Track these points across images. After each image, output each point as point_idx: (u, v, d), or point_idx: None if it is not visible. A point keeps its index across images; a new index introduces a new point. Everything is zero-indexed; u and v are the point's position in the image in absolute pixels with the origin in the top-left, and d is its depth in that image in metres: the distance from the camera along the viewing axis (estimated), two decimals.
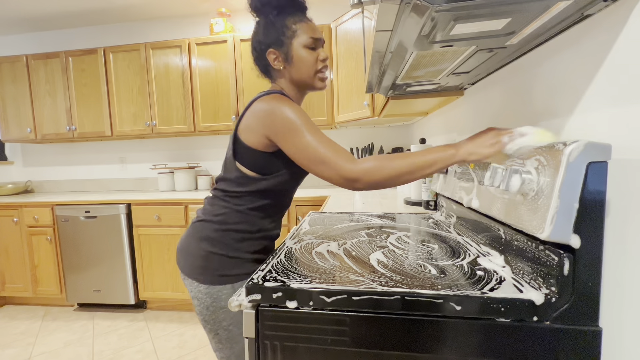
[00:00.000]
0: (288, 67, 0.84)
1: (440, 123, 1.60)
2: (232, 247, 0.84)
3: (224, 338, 0.86)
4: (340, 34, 2.13)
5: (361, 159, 0.69)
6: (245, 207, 0.84)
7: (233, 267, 0.84)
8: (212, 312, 0.84)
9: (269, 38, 0.83)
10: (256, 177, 0.82)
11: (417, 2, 0.45)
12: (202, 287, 0.83)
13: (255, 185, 0.83)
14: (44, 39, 2.96)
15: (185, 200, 2.21)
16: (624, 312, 0.47)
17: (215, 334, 0.86)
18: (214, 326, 0.85)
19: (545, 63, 0.67)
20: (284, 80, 0.87)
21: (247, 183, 0.83)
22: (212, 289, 0.83)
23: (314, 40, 0.83)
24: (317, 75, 0.85)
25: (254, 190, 0.83)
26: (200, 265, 0.83)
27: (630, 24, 0.46)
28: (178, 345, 1.94)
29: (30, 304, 2.59)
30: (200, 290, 0.84)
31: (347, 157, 0.70)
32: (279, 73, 0.86)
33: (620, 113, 0.48)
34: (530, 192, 0.53)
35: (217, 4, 2.55)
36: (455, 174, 0.93)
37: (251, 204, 0.84)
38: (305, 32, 0.82)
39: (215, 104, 2.42)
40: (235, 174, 0.83)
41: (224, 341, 0.86)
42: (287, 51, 0.82)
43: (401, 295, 0.52)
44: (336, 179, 0.70)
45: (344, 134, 2.68)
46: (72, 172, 3.06)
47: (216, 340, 0.87)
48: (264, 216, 0.87)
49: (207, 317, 0.85)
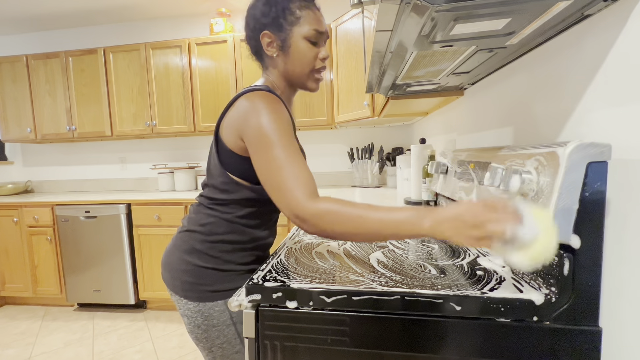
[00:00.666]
0: (282, 56, 0.74)
1: (440, 123, 1.60)
2: (222, 259, 0.76)
3: (218, 356, 0.79)
4: (340, 34, 2.13)
5: (322, 198, 0.58)
6: (234, 216, 0.76)
7: (225, 281, 0.76)
8: (204, 331, 0.77)
9: (266, 17, 0.72)
10: (243, 185, 0.74)
11: (417, 2, 0.45)
12: (191, 304, 0.76)
13: (243, 193, 0.74)
14: (44, 39, 2.96)
15: (185, 200, 2.21)
16: (623, 312, 0.47)
17: (209, 351, 0.79)
18: (207, 344, 0.78)
19: (545, 63, 0.67)
20: (275, 70, 0.77)
21: (233, 190, 0.74)
22: (204, 307, 0.75)
23: (317, 33, 0.72)
24: (312, 74, 0.76)
25: (242, 198, 0.75)
26: (188, 281, 0.76)
27: (630, 24, 0.46)
28: (178, 345, 1.94)
29: (30, 304, 2.59)
30: (190, 308, 0.76)
31: (306, 190, 0.59)
32: (271, 61, 0.76)
33: (620, 113, 0.48)
34: (530, 192, 0.53)
35: (217, 4, 2.55)
36: (455, 174, 0.93)
37: (240, 212, 0.76)
38: (310, 22, 0.72)
39: (215, 104, 2.42)
40: (220, 179, 0.74)
41: (219, 358, 0.80)
42: (285, 38, 0.72)
43: (401, 295, 0.52)
44: (285, 211, 0.60)
45: (344, 134, 2.68)
46: (72, 172, 3.06)
47: (210, 358, 0.81)
48: (255, 224, 0.79)
49: (199, 335, 0.78)
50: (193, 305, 0.76)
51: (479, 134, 1.06)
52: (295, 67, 0.75)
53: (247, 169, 0.71)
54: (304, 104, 2.33)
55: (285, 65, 0.75)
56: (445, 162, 1.06)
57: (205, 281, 0.76)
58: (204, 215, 0.78)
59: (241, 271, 0.79)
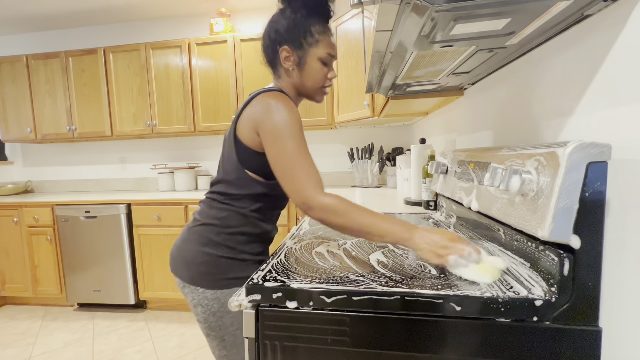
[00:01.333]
0: (297, 70, 0.83)
1: (440, 123, 1.60)
2: (238, 250, 0.83)
3: (229, 344, 0.84)
4: (340, 34, 2.13)
5: (327, 194, 0.69)
6: (247, 210, 0.83)
7: (241, 269, 0.83)
8: (219, 318, 0.82)
9: (289, 35, 0.80)
10: (257, 180, 0.81)
11: (417, 2, 0.45)
12: (208, 292, 0.81)
13: (256, 189, 0.82)
14: (44, 39, 2.96)
15: (185, 200, 2.21)
16: (623, 312, 0.47)
17: (221, 340, 0.84)
18: (220, 332, 0.83)
19: (545, 63, 0.67)
20: (288, 79, 0.85)
21: (248, 185, 0.81)
22: (221, 294, 0.81)
23: (330, 56, 0.83)
24: (320, 90, 0.86)
25: (255, 193, 0.82)
26: (205, 271, 0.81)
27: (630, 24, 0.46)
28: (178, 345, 1.94)
29: (30, 304, 2.59)
30: (207, 296, 0.81)
31: (315, 183, 0.69)
32: (286, 72, 0.84)
33: (620, 113, 0.48)
34: (530, 192, 0.53)
35: (217, 4, 2.55)
36: (455, 174, 0.93)
37: (252, 206, 0.83)
38: (326, 46, 0.81)
39: (215, 103, 2.42)
40: (235, 175, 0.81)
41: (229, 347, 0.84)
42: (302, 56, 0.81)
43: (401, 295, 0.52)
44: (295, 198, 0.70)
45: (344, 134, 2.68)
46: (72, 172, 3.06)
47: (221, 347, 0.84)
48: (264, 218, 0.86)
49: (213, 323, 0.82)
50: (210, 293, 0.81)
51: (479, 134, 1.06)
52: (307, 82, 0.84)
53: (261, 165, 0.79)
54: (304, 104, 2.33)
55: (298, 79, 0.84)
56: (445, 162, 1.06)
57: (221, 270, 0.82)
58: (219, 209, 0.84)
59: (253, 260, 0.86)
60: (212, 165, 2.86)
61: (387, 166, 2.38)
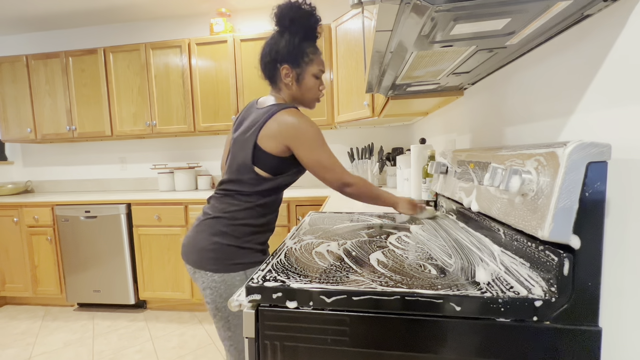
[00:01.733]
0: (296, 85, 0.99)
1: (440, 123, 1.60)
2: (243, 239, 0.95)
3: (233, 324, 0.94)
4: (340, 34, 2.13)
5: (353, 176, 0.95)
6: (254, 204, 0.96)
7: (244, 256, 0.94)
8: (225, 299, 0.93)
9: (289, 55, 0.94)
10: (268, 178, 0.94)
11: (417, 2, 0.45)
12: (216, 276, 0.92)
13: (265, 185, 0.94)
14: (44, 39, 2.96)
15: (186, 200, 2.21)
16: (623, 312, 0.47)
17: (226, 321, 0.94)
18: (225, 313, 0.94)
19: (545, 63, 0.67)
20: (288, 92, 1.00)
21: (258, 183, 0.94)
22: (227, 277, 0.92)
23: (321, 72, 1.00)
24: (315, 99, 1.04)
25: (264, 189, 0.95)
26: (213, 257, 0.92)
27: (630, 24, 0.46)
28: (178, 345, 1.94)
29: (30, 304, 2.59)
30: (215, 279, 0.92)
31: (344, 171, 0.95)
32: (285, 85, 0.99)
33: (620, 113, 0.48)
34: (530, 192, 0.53)
35: (217, 4, 2.55)
36: (455, 174, 0.93)
37: (259, 201, 0.96)
38: (318, 64, 0.99)
39: (215, 103, 2.42)
40: (249, 176, 0.93)
41: (234, 327, 0.94)
42: (300, 73, 0.97)
43: (401, 295, 0.52)
44: (336, 183, 0.94)
45: (343, 134, 2.68)
46: (72, 172, 3.06)
47: (226, 328, 0.95)
48: (267, 211, 0.99)
49: (220, 304, 0.93)
50: (218, 276, 0.92)
51: (479, 134, 1.06)
52: (305, 95, 1.01)
53: (275, 165, 0.93)
54: None
55: (298, 91, 1.00)
56: (445, 162, 1.06)
57: (228, 256, 0.93)
58: (228, 204, 0.96)
59: (256, 249, 0.98)
60: (212, 165, 2.86)
61: (387, 166, 2.38)
